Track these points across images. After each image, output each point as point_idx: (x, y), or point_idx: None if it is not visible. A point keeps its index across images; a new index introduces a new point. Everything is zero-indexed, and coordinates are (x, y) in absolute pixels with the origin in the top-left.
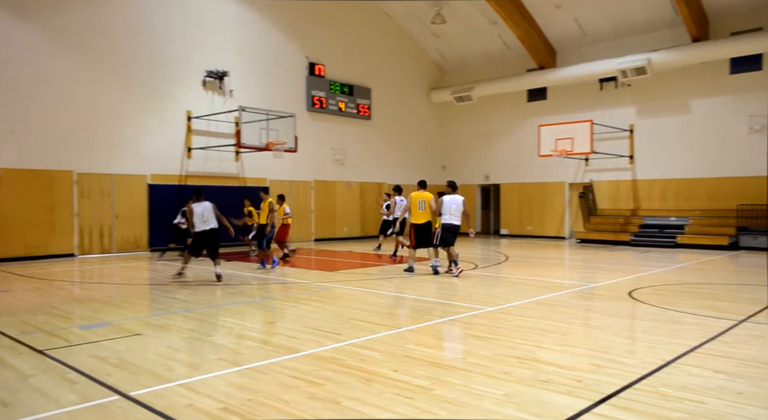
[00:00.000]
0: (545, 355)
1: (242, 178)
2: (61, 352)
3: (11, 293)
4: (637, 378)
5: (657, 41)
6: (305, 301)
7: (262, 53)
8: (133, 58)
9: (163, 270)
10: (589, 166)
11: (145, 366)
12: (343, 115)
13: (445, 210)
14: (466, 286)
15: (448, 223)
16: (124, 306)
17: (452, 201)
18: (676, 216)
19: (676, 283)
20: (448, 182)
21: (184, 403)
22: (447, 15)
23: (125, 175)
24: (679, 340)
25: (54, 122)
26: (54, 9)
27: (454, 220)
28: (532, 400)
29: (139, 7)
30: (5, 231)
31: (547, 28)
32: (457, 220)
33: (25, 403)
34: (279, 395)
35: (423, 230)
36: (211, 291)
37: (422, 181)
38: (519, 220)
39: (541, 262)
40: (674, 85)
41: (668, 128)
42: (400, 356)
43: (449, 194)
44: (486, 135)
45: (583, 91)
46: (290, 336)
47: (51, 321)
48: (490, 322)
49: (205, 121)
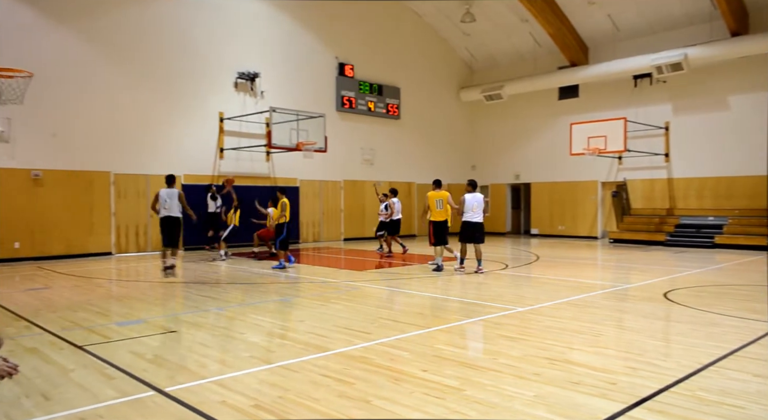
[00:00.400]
0: (577, 357)
1: (273, 178)
2: (100, 348)
3: (53, 290)
4: (673, 381)
5: (694, 36)
6: (335, 300)
7: (292, 54)
8: (167, 61)
9: (198, 269)
10: (623, 164)
11: (179, 362)
12: (373, 115)
13: (467, 208)
14: (496, 286)
15: (472, 221)
16: (159, 303)
17: (474, 199)
18: (714, 215)
19: (713, 285)
20: (469, 181)
21: (217, 400)
22: (477, 13)
23: (160, 176)
24: (717, 343)
25: (92, 124)
26: (92, 14)
27: (476, 217)
28: (563, 401)
29: (173, 11)
30: (47, 230)
31: (580, 24)
32: (479, 217)
33: (66, 396)
34: (309, 393)
35: (441, 228)
36: (243, 289)
37: (437, 181)
38: (550, 219)
39: (572, 262)
40: (712, 81)
41: (706, 125)
42: (429, 356)
43: (470, 192)
44: (516, 134)
45: (616, 89)
46: (320, 335)
47: (90, 318)
48: (521, 322)
49: (236, 122)
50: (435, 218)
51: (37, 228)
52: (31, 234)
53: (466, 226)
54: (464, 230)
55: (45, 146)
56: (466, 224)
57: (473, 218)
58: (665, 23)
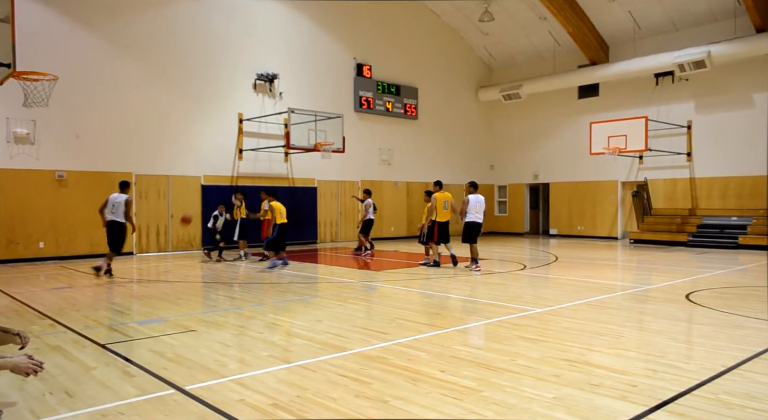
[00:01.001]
0: (597, 359)
1: (291, 179)
2: (121, 346)
3: (76, 289)
4: (695, 384)
5: (717, 33)
6: (352, 300)
7: (310, 55)
8: (188, 63)
9: (218, 268)
10: (644, 163)
11: (199, 361)
12: (390, 115)
13: (470, 209)
14: (514, 287)
15: (474, 221)
16: (179, 303)
17: (476, 200)
18: (738, 216)
19: (737, 286)
20: (470, 182)
21: (236, 398)
22: (495, 12)
23: (180, 177)
24: (741, 346)
25: (115, 126)
26: (115, 16)
27: (479, 218)
28: (583, 403)
29: (193, 13)
30: (72, 230)
31: (600, 22)
32: (481, 218)
33: (89, 394)
34: (327, 393)
35: (446, 228)
36: (262, 289)
37: (439, 182)
38: (569, 219)
39: (592, 263)
40: (736, 78)
41: (729, 124)
42: (447, 356)
43: (472, 194)
44: (535, 133)
45: (637, 87)
46: (338, 334)
47: (112, 316)
48: (539, 323)
49: (255, 122)
50: (442, 218)
51: (61, 228)
52: (56, 234)
53: (471, 226)
54: (470, 231)
55: (68, 148)
56: (472, 225)
57: (477, 219)
58: (687, 20)
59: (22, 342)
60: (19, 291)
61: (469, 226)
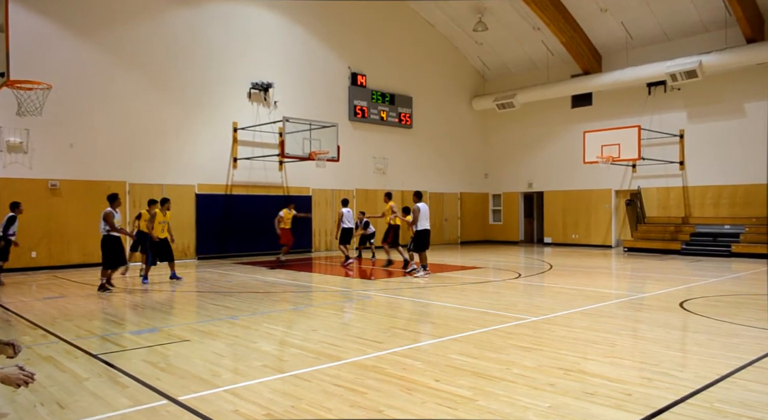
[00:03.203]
0: (592, 367)
1: (286, 188)
2: (114, 357)
3: (68, 299)
4: (690, 392)
5: (709, 43)
6: (347, 309)
7: (305, 64)
8: (182, 72)
9: (211, 278)
10: (637, 172)
11: (192, 371)
12: (385, 124)
13: (422, 217)
14: (509, 296)
15: (427, 229)
16: (173, 312)
17: (425, 208)
18: (731, 224)
19: (731, 294)
20: (416, 192)
21: (230, 409)
22: (489, 22)
23: (174, 186)
24: (735, 354)
25: (108, 135)
26: (109, 26)
27: (428, 225)
28: (578, 412)
29: (188, 23)
30: (64, 240)
31: (592, 32)
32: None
33: (81, 405)
34: (322, 403)
35: (428, 236)
36: (256, 299)
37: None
38: (563, 228)
39: (586, 271)
40: (727, 88)
41: (721, 133)
42: (442, 366)
43: (421, 202)
44: (529, 142)
45: (630, 96)
46: (332, 344)
47: (104, 326)
48: (534, 332)
49: (250, 131)
50: (424, 227)
51: (54, 237)
52: (48, 243)
53: (425, 234)
54: (424, 238)
55: (62, 157)
56: (425, 233)
57: (428, 226)
58: (679, 30)
59: (15, 351)
60: (10, 301)
61: (423, 233)
